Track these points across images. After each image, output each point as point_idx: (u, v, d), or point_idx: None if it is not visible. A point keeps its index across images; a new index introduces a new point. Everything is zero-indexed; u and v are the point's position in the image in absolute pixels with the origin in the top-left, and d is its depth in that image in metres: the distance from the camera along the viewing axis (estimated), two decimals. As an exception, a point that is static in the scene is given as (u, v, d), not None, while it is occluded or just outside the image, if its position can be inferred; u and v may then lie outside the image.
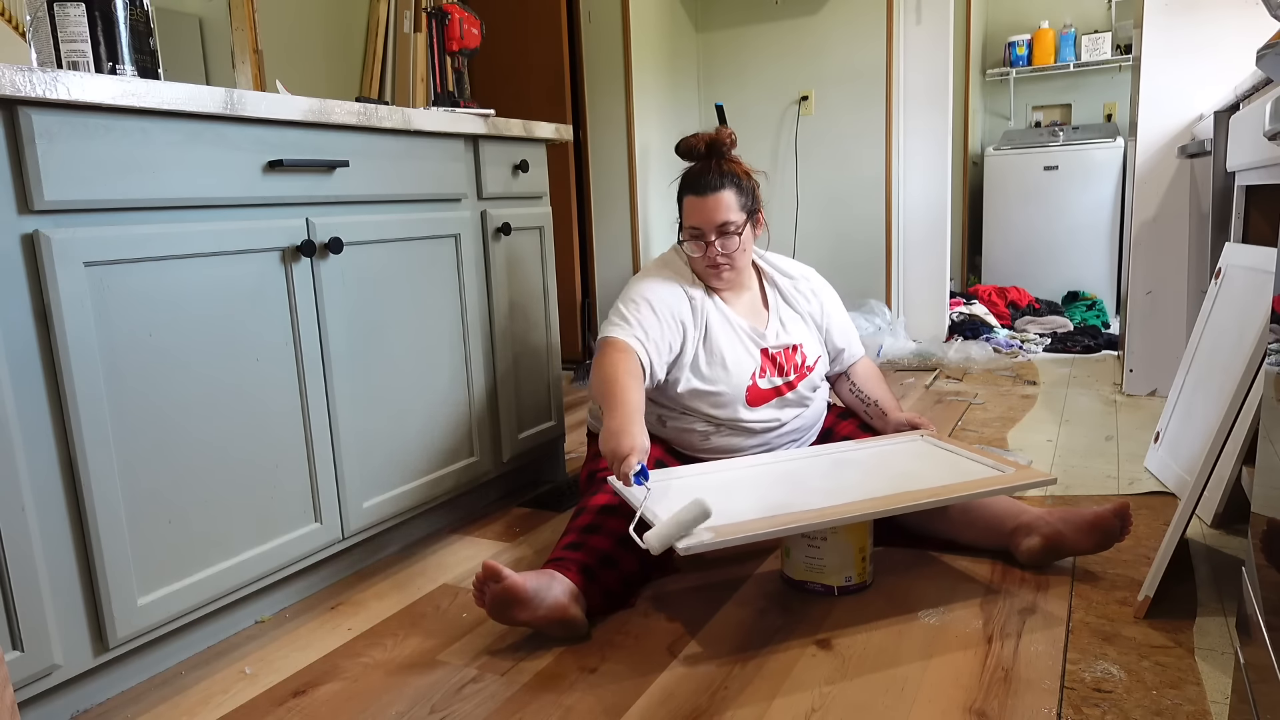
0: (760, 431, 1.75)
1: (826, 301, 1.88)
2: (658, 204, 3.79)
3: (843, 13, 3.72)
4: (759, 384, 1.73)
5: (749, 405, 1.72)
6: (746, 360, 1.73)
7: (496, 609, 1.35)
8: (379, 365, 1.67)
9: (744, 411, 1.72)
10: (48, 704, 1.22)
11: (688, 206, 1.73)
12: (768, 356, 1.75)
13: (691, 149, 1.76)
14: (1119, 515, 1.53)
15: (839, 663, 1.31)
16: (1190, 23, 2.59)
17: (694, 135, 1.77)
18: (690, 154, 1.77)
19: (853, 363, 1.91)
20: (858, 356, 1.91)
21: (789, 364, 1.77)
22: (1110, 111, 4.98)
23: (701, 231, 1.71)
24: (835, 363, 1.90)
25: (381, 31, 3.14)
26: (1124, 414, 2.64)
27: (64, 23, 1.29)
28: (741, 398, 1.72)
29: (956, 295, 4.40)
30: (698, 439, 1.75)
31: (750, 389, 1.72)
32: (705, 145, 1.75)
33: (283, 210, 1.47)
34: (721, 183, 1.69)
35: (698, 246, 1.72)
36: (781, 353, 1.77)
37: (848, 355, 1.90)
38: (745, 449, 1.76)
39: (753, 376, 1.73)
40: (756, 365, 1.74)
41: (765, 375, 1.74)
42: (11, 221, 1.11)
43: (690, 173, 1.75)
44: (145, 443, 1.27)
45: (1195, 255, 2.68)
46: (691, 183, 1.73)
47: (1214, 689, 1.19)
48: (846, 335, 1.89)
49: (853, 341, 1.91)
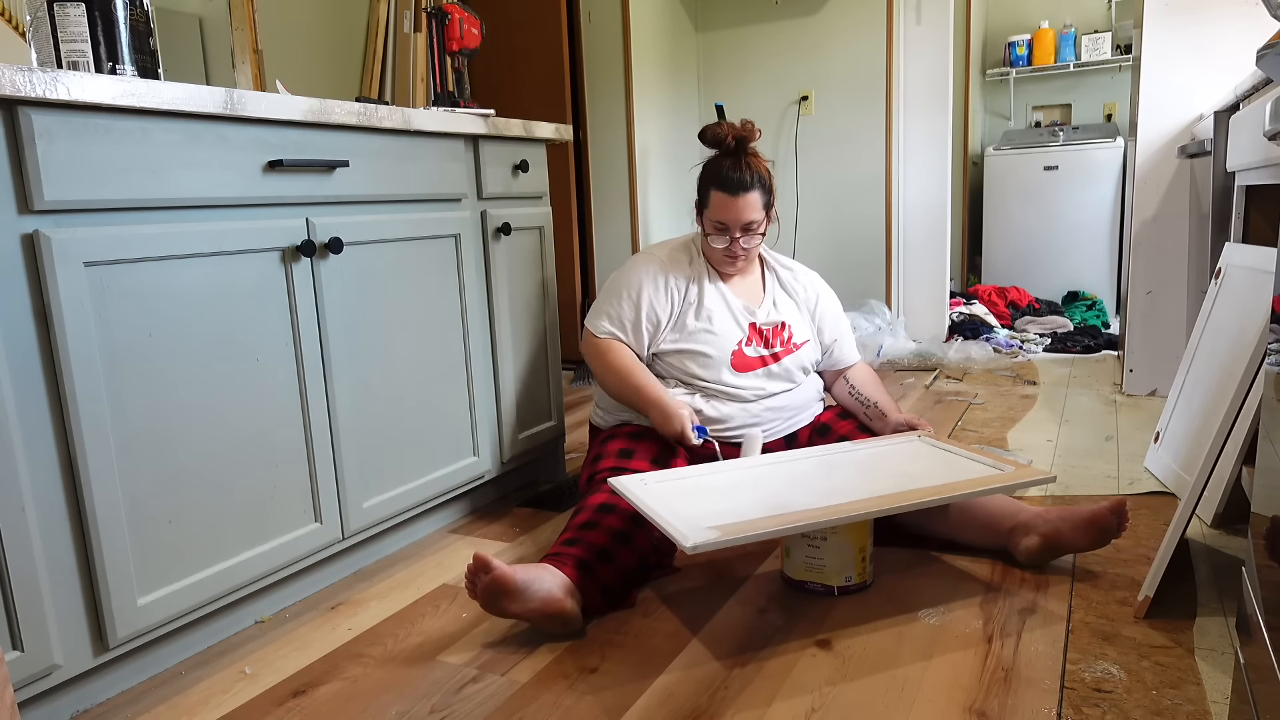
0: (748, 400, 1.81)
1: (823, 297, 1.97)
2: (658, 204, 3.80)
3: (843, 13, 3.72)
4: (745, 351, 1.82)
5: (734, 370, 1.80)
6: (734, 329, 1.82)
7: (487, 600, 1.35)
8: (379, 365, 1.67)
9: (729, 375, 1.80)
10: (48, 704, 1.22)
11: (716, 201, 1.79)
12: (755, 329, 1.84)
13: (719, 140, 1.81)
14: (1116, 513, 1.53)
15: (839, 663, 1.31)
16: (1190, 23, 2.59)
17: (720, 124, 1.82)
18: (717, 144, 1.81)
19: (848, 366, 1.98)
20: (852, 359, 1.99)
21: (775, 338, 1.86)
22: (1110, 111, 4.98)
23: (727, 227, 1.78)
24: (826, 358, 1.97)
25: (381, 31, 3.14)
26: (1124, 414, 2.64)
27: (64, 23, 1.29)
28: (727, 360, 1.80)
29: (956, 295, 4.40)
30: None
31: (736, 354, 1.81)
32: (735, 139, 1.79)
33: (283, 210, 1.47)
34: (751, 183, 1.77)
35: (721, 239, 1.80)
36: (770, 329, 1.86)
37: (839, 353, 1.97)
38: (736, 421, 1.79)
39: (739, 343, 1.81)
40: (744, 335, 1.83)
41: (751, 345, 1.83)
42: (11, 221, 1.11)
43: (719, 166, 1.80)
44: (145, 442, 1.27)
45: (1195, 255, 2.68)
46: (722, 180, 1.78)
47: (1214, 689, 1.19)
48: (838, 332, 1.97)
49: (845, 341, 1.98)
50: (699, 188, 1.84)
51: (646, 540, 1.55)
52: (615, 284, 1.86)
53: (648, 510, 1.38)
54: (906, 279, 3.87)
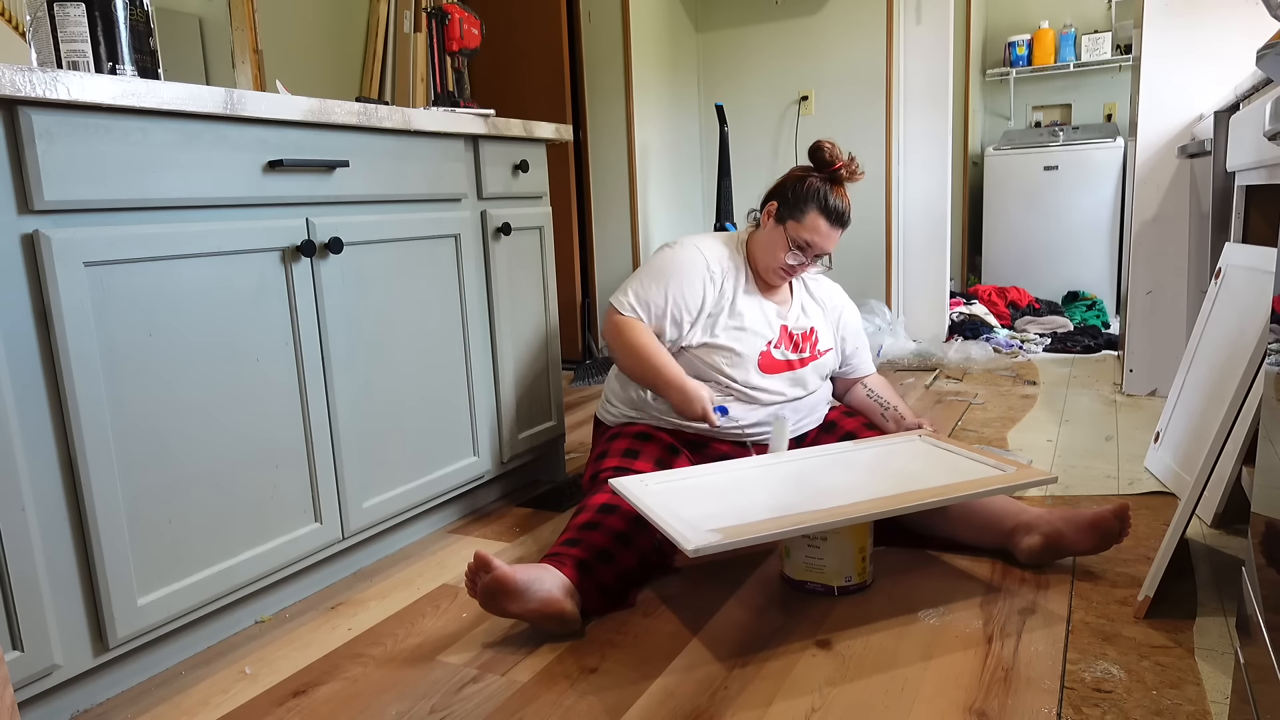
0: (766, 404, 1.80)
1: (846, 309, 2.00)
2: (658, 204, 3.79)
3: (843, 13, 3.72)
4: (773, 353, 1.81)
5: (761, 371, 1.80)
6: (765, 329, 1.82)
7: (487, 599, 1.35)
8: (379, 365, 1.67)
9: (755, 376, 1.79)
10: (48, 704, 1.22)
11: (812, 223, 1.77)
12: (786, 333, 1.84)
13: (832, 163, 1.79)
14: (1119, 516, 1.53)
15: (839, 663, 1.31)
16: (1190, 23, 2.59)
17: (836, 148, 1.81)
18: (827, 166, 1.80)
19: (863, 375, 2.02)
20: (869, 369, 2.03)
21: (805, 343, 1.86)
22: (1110, 111, 4.98)
23: (809, 249, 1.79)
24: (844, 367, 2.00)
25: (381, 31, 3.14)
26: (1124, 414, 2.64)
27: (64, 23, 1.29)
28: (755, 360, 1.80)
29: (956, 295, 4.40)
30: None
31: (764, 355, 1.81)
32: (846, 172, 1.79)
33: (283, 210, 1.47)
34: (848, 220, 1.80)
35: (794, 256, 1.80)
36: (800, 333, 1.86)
37: (858, 362, 2.01)
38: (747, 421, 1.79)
39: (769, 345, 1.81)
40: (774, 336, 1.82)
41: (780, 348, 1.83)
42: (11, 221, 1.11)
43: (827, 190, 1.78)
44: (145, 442, 1.27)
45: (1195, 255, 2.67)
46: (828, 206, 1.78)
47: (1214, 689, 1.19)
48: (858, 342, 2.00)
49: (864, 351, 2.02)
50: (794, 200, 1.79)
51: (647, 541, 1.55)
52: (655, 267, 1.83)
53: (649, 512, 1.38)
54: (906, 279, 3.87)
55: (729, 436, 1.80)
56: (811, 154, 1.82)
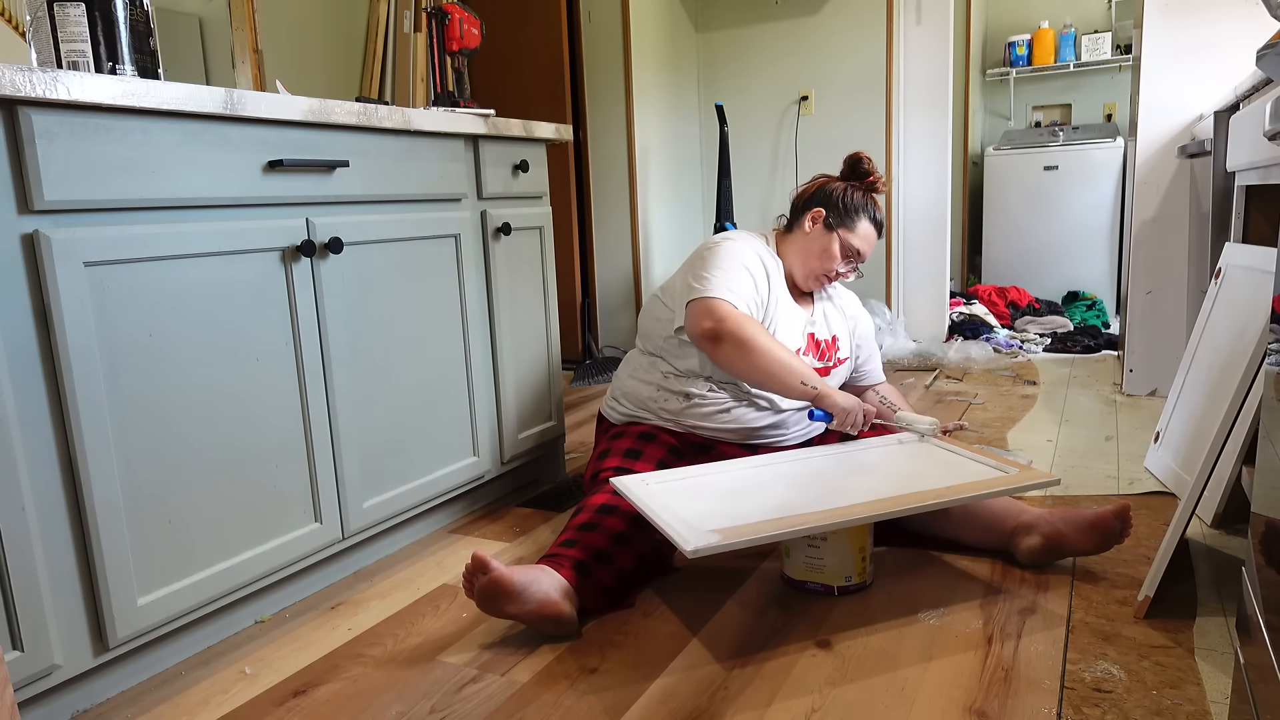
0: (782, 409, 1.80)
1: (861, 320, 2.03)
2: (658, 204, 3.79)
3: (843, 13, 3.72)
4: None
5: None
6: (795, 336, 1.83)
7: (484, 600, 1.35)
8: (379, 365, 1.67)
9: None
10: (48, 704, 1.22)
11: (864, 232, 1.86)
12: (814, 341, 1.87)
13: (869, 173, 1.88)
14: (1120, 517, 1.53)
15: (839, 663, 1.31)
16: (1190, 23, 2.59)
17: (872, 160, 1.90)
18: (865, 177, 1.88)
19: (875, 383, 2.05)
20: (881, 378, 2.07)
21: (829, 351, 1.89)
22: (1110, 111, 4.98)
23: (858, 256, 1.86)
24: (856, 375, 2.03)
25: (381, 31, 3.14)
26: (1124, 414, 2.64)
27: (64, 23, 1.29)
28: None
29: (956, 295, 4.40)
30: (711, 409, 1.77)
31: None
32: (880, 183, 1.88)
33: (283, 210, 1.47)
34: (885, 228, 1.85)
35: (845, 264, 1.86)
36: (825, 342, 1.89)
37: (869, 371, 2.05)
38: (755, 432, 1.79)
39: (797, 351, 1.82)
40: (803, 344, 1.84)
41: (807, 355, 1.84)
42: (11, 221, 1.11)
43: (874, 205, 1.87)
44: (145, 443, 1.27)
45: (1195, 255, 2.67)
46: (877, 220, 1.89)
47: (1214, 689, 1.19)
48: (871, 351, 2.04)
49: (876, 360, 2.06)
50: (845, 209, 1.84)
51: (646, 542, 1.55)
52: (724, 258, 1.77)
53: (649, 511, 1.38)
54: (906, 279, 3.87)
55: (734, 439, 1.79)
56: (851, 165, 1.90)
